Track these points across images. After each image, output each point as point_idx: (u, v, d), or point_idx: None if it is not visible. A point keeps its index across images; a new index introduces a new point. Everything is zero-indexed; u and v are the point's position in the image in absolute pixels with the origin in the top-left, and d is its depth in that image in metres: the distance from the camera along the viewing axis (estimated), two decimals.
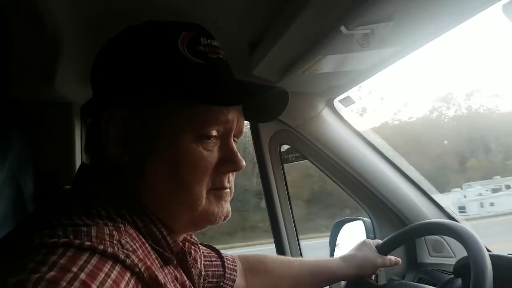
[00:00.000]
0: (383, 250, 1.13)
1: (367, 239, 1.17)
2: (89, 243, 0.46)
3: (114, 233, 0.50)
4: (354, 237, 1.36)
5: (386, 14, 0.75)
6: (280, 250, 1.39)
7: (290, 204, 1.42)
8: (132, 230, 0.54)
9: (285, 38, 0.87)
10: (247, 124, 1.40)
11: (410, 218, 1.31)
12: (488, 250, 0.86)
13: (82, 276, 0.41)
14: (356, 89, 1.25)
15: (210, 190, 0.61)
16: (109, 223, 0.52)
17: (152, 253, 0.55)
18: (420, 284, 1.12)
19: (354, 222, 1.43)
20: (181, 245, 0.61)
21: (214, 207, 0.62)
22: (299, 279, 1.05)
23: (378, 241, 1.17)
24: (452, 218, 1.29)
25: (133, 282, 0.47)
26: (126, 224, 0.55)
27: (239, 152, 0.64)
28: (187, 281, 0.62)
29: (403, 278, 1.27)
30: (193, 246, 0.83)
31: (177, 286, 0.58)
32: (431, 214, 1.30)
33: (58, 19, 0.83)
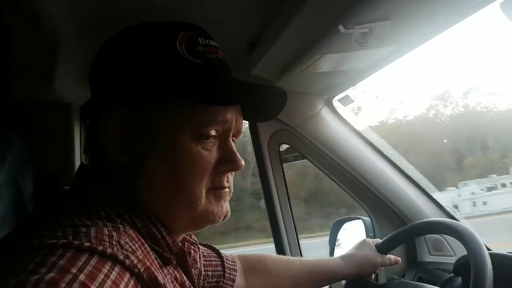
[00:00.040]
0: (383, 249, 1.13)
1: (367, 238, 1.17)
2: (88, 244, 0.46)
3: (113, 233, 0.50)
4: (354, 236, 1.36)
5: (384, 13, 0.75)
6: (279, 249, 1.39)
7: (290, 203, 1.42)
8: (131, 231, 0.54)
9: (283, 38, 0.87)
10: (246, 123, 1.40)
11: (409, 217, 1.31)
12: (488, 249, 0.86)
13: (82, 277, 0.41)
14: (351, 88, 1.25)
15: (210, 189, 0.61)
16: (108, 224, 0.52)
17: (151, 253, 0.55)
18: (420, 283, 1.12)
19: (353, 221, 1.43)
20: (180, 245, 0.61)
21: (214, 207, 0.62)
22: (299, 279, 1.05)
23: (378, 240, 1.17)
24: (452, 217, 1.29)
25: (132, 282, 0.47)
26: (125, 224, 0.55)
27: (239, 152, 0.64)
28: (187, 281, 0.62)
29: (403, 277, 1.26)
30: (192, 246, 0.83)
31: (176, 286, 0.58)
32: (431, 213, 1.30)
33: (57, 19, 0.82)
